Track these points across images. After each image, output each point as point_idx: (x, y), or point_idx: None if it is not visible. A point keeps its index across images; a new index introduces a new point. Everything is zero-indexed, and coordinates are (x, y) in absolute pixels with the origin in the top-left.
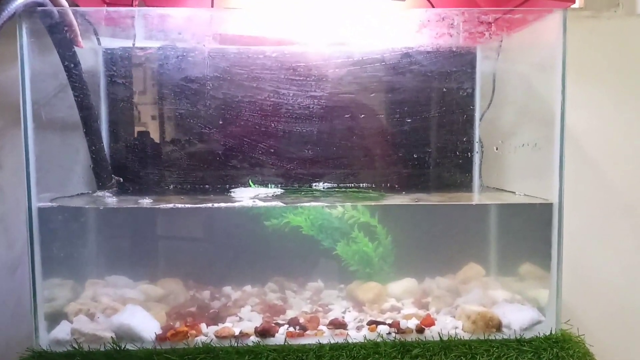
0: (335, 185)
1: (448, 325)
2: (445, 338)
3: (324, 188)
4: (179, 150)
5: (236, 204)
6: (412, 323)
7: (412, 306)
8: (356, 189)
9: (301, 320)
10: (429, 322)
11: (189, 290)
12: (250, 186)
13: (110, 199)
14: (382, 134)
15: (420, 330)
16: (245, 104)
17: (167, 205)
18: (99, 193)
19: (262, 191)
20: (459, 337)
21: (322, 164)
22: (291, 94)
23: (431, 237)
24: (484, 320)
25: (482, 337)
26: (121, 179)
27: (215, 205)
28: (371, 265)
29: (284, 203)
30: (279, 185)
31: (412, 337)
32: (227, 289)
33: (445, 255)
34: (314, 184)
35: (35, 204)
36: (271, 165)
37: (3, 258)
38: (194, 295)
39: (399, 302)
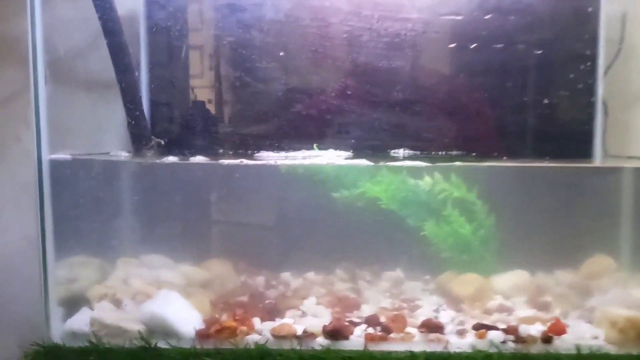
0: (418, 152)
1: (584, 333)
2: (585, 351)
3: (404, 155)
4: (235, 115)
5: (305, 161)
6: (536, 329)
7: (525, 306)
8: (446, 157)
9: (382, 319)
10: (558, 329)
11: (240, 275)
12: (315, 150)
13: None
14: (477, 91)
15: (547, 339)
16: (313, 54)
17: (218, 161)
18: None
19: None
20: (603, 351)
21: (403, 126)
22: (369, 41)
23: (545, 218)
24: (636, 329)
25: (634, 352)
26: (162, 141)
27: (279, 162)
28: (469, 251)
29: (371, 162)
30: (351, 151)
31: (537, 347)
32: (286, 276)
33: (565, 243)
34: (392, 151)
35: (46, 157)
36: (341, 126)
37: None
38: (245, 282)
39: (508, 301)
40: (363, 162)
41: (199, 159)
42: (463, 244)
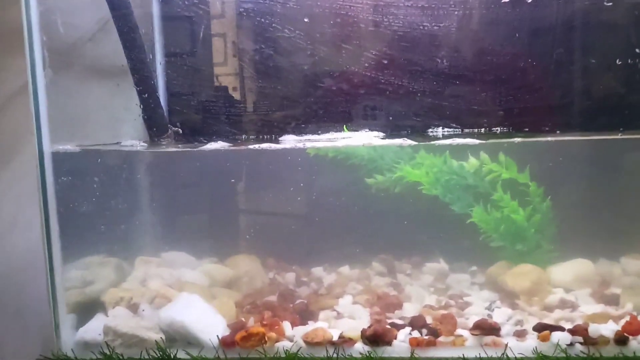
0: (459, 130)
1: None
2: None
3: (444, 133)
4: (257, 95)
5: (336, 143)
6: (608, 329)
7: (590, 300)
8: (491, 134)
9: (429, 321)
10: (635, 327)
11: (268, 272)
12: (345, 132)
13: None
14: (525, 57)
15: (622, 340)
16: (342, 18)
17: (240, 147)
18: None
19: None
20: None
21: (444, 101)
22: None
23: (609, 198)
24: None
25: None
26: (180, 130)
27: (308, 144)
28: (524, 240)
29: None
30: (384, 132)
31: (610, 350)
32: (318, 271)
33: (632, 226)
34: (430, 129)
35: (48, 149)
36: (374, 103)
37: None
38: (274, 279)
39: (570, 295)
40: (403, 141)
41: (220, 144)
42: (516, 231)
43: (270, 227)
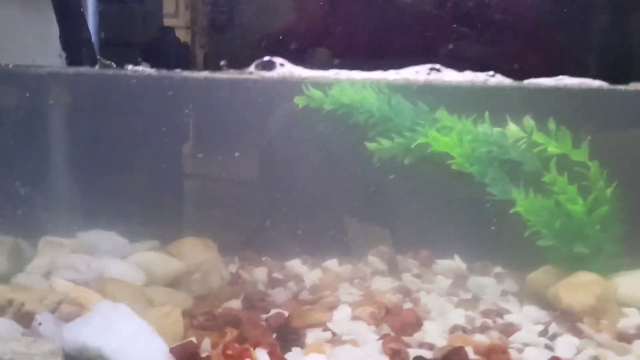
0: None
1: None
2: None
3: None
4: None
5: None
6: None
7: None
8: None
9: (471, 355)
10: None
11: (228, 263)
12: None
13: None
14: None
15: None
16: None
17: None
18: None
19: None
20: None
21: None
22: None
23: None
24: None
25: None
26: (113, 63)
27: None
28: (585, 239)
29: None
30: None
31: None
32: (296, 264)
33: None
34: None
35: None
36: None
37: None
38: (237, 274)
39: None
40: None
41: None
42: (575, 228)
43: (232, 199)
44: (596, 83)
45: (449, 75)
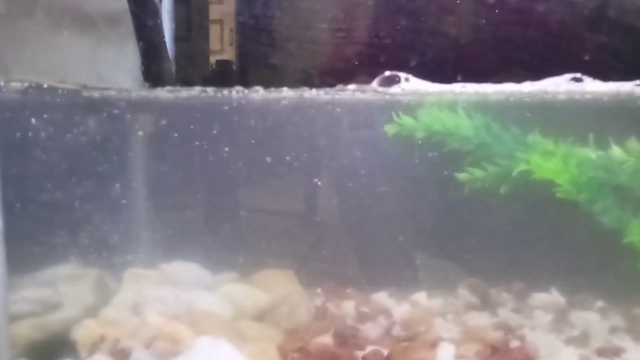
0: None
1: None
2: None
3: None
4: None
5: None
6: None
7: None
8: None
9: None
10: None
11: (312, 296)
12: None
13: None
14: None
15: None
16: None
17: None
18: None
19: None
20: None
21: None
22: None
23: None
24: None
25: None
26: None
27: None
28: None
29: None
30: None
31: None
32: (382, 297)
33: None
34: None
35: None
36: None
37: None
38: (323, 307)
39: None
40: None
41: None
42: None
43: (312, 230)
44: None
45: (592, 86)
